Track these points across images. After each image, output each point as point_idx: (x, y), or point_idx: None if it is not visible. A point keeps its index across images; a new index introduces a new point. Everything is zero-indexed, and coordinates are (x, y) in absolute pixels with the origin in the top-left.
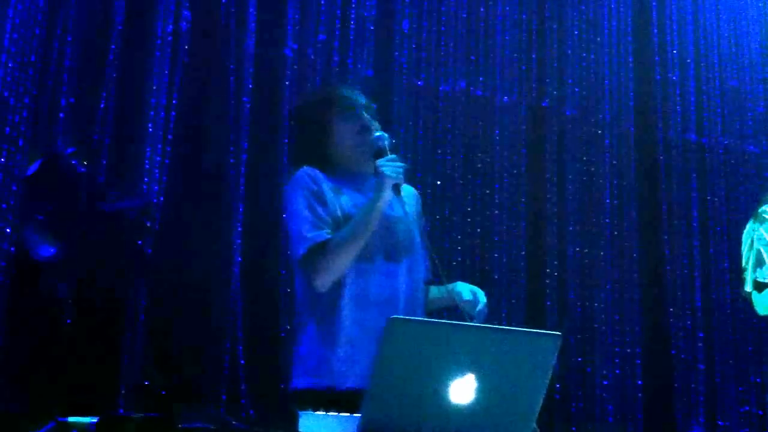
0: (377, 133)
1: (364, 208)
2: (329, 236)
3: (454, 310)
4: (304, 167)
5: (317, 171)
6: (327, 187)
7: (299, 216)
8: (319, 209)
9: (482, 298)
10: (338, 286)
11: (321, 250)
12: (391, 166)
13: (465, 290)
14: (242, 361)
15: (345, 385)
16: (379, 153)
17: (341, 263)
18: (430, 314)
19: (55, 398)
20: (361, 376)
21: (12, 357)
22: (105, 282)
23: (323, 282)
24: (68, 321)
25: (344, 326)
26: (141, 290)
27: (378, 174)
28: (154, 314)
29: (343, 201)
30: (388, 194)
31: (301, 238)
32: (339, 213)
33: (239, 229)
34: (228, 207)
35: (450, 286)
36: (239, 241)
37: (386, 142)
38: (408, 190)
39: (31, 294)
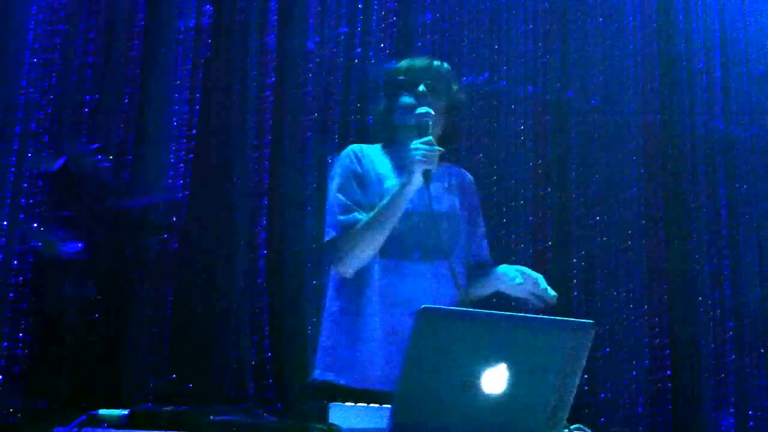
0: (420, 110)
1: (390, 194)
2: (358, 220)
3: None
4: (353, 146)
5: (371, 149)
6: (373, 168)
7: (334, 197)
8: (357, 192)
9: (534, 274)
10: (366, 281)
11: (346, 235)
12: (423, 149)
13: (512, 273)
14: (269, 355)
15: (363, 385)
16: (420, 131)
17: (364, 250)
18: (477, 302)
19: (82, 393)
20: (380, 379)
21: (39, 354)
22: (131, 278)
23: (345, 268)
24: (95, 316)
25: (368, 324)
26: (167, 285)
27: (409, 158)
28: (180, 309)
29: (386, 186)
30: (417, 180)
31: (330, 222)
32: (378, 199)
33: (264, 223)
34: (252, 201)
35: (495, 272)
36: (264, 235)
37: (428, 120)
38: (462, 177)
39: (56, 291)
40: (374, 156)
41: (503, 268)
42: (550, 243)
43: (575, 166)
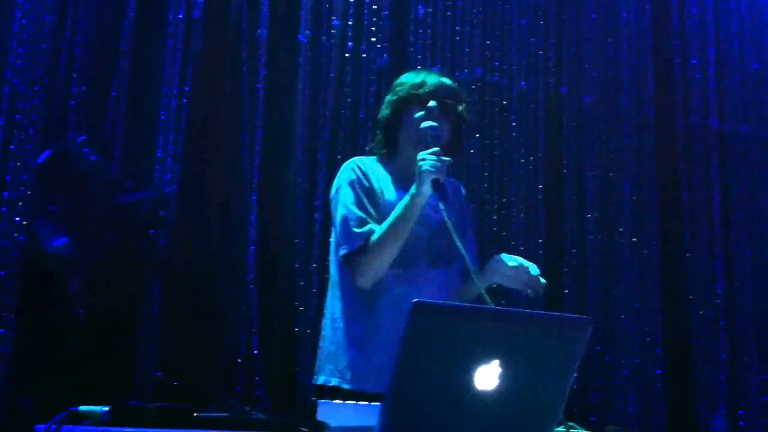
0: (425, 124)
1: (402, 204)
2: (372, 232)
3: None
4: (355, 159)
5: (370, 162)
6: (377, 181)
7: (347, 210)
8: (368, 205)
9: (527, 262)
10: (379, 289)
11: (364, 249)
12: (431, 160)
13: (507, 258)
14: (256, 352)
15: (375, 389)
16: (426, 143)
17: (382, 261)
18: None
19: (68, 391)
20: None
21: (25, 351)
22: (118, 274)
23: (366, 280)
24: (80, 312)
25: (381, 331)
26: (155, 281)
27: (417, 168)
28: (168, 305)
29: (387, 199)
30: (427, 190)
31: (348, 235)
32: (381, 212)
33: (253, 218)
34: (242, 196)
35: (490, 262)
36: (254, 231)
37: (435, 133)
38: (455, 187)
39: (43, 286)
40: (374, 169)
41: (497, 257)
42: (541, 240)
43: (568, 163)
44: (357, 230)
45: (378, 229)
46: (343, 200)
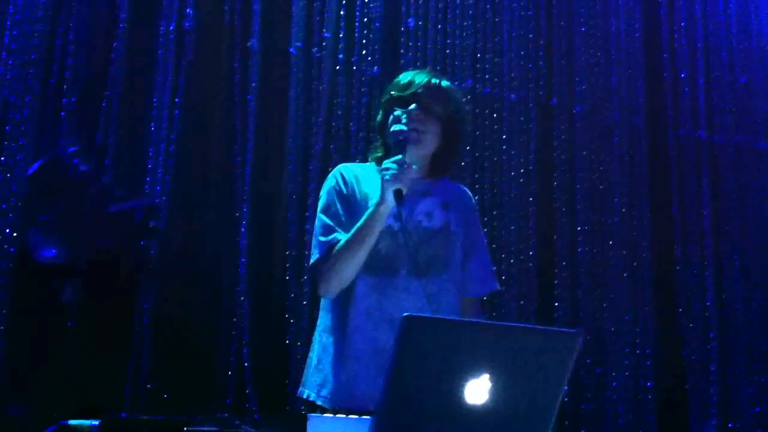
0: (393, 128)
1: (366, 215)
2: (338, 240)
3: None
4: (341, 165)
5: (361, 167)
6: (359, 188)
7: (318, 219)
8: (340, 213)
9: None
10: (351, 298)
11: (327, 257)
12: (393, 169)
13: None
14: (247, 364)
15: (346, 405)
16: (395, 150)
17: (344, 271)
18: None
19: (58, 401)
20: (362, 397)
21: (15, 360)
22: (109, 284)
23: (326, 289)
24: (71, 323)
25: (353, 342)
26: (146, 292)
27: (381, 177)
28: (159, 316)
29: (370, 205)
30: (390, 200)
31: (314, 243)
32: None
33: (244, 229)
34: (233, 207)
35: None
36: (244, 242)
37: (402, 137)
38: (460, 194)
39: (34, 296)
40: (362, 175)
41: None
42: (532, 252)
43: (559, 174)
44: (322, 238)
45: (343, 238)
46: (319, 208)
